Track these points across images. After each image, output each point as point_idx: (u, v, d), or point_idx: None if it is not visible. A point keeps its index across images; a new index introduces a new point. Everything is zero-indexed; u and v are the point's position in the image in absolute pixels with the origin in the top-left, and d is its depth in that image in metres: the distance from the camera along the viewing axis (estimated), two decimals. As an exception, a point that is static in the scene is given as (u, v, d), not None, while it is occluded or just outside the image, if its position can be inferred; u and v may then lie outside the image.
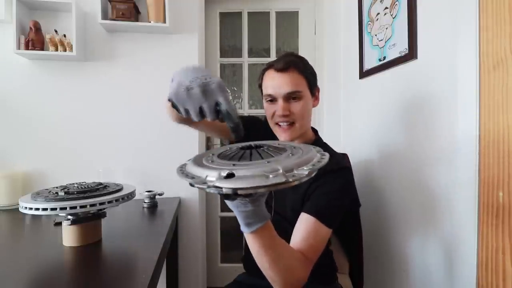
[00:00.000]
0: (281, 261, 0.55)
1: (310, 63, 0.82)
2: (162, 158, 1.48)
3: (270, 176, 0.34)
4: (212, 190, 0.35)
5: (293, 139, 0.78)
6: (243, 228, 0.50)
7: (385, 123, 1.10)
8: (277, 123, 0.79)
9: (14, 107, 1.39)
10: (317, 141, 0.86)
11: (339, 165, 0.75)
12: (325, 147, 0.84)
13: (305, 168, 0.37)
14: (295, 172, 0.36)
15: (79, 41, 1.36)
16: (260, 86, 0.84)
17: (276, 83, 0.77)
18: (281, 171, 0.35)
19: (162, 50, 1.49)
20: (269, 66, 0.80)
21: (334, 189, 0.71)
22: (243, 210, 0.46)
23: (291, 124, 0.77)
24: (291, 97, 0.76)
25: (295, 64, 0.77)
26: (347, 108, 1.44)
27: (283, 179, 0.34)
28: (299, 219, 0.68)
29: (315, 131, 0.90)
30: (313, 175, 0.37)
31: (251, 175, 0.35)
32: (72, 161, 1.43)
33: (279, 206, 0.79)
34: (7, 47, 1.30)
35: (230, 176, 0.35)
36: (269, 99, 0.79)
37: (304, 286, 0.60)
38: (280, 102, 0.76)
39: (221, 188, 0.34)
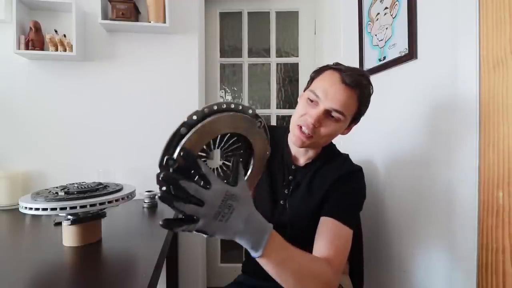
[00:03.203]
0: (304, 269, 0.53)
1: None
2: (162, 158, 1.48)
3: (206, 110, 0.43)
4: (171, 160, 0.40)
5: (303, 147, 0.75)
6: (253, 253, 0.47)
7: (384, 123, 1.10)
8: (299, 125, 0.72)
9: (14, 107, 1.39)
10: (328, 147, 0.82)
11: (353, 167, 0.78)
12: (333, 150, 0.84)
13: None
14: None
15: (79, 41, 1.36)
16: (313, 79, 0.77)
17: (332, 91, 0.69)
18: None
19: (162, 50, 1.49)
20: (338, 69, 0.72)
21: (350, 190, 0.73)
22: (240, 226, 0.43)
23: (310, 136, 0.71)
24: (331, 113, 0.69)
25: (361, 87, 0.70)
26: (347, 108, 1.44)
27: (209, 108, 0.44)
28: (319, 224, 0.68)
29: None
30: (230, 106, 0.46)
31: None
32: (72, 161, 1.43)
33: (295, 220, 0.76)
34: (7, 47, 1.30)
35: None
36: (312, 98, 0.71)
37: None
38: (319, 111, 0.69)
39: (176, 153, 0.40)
